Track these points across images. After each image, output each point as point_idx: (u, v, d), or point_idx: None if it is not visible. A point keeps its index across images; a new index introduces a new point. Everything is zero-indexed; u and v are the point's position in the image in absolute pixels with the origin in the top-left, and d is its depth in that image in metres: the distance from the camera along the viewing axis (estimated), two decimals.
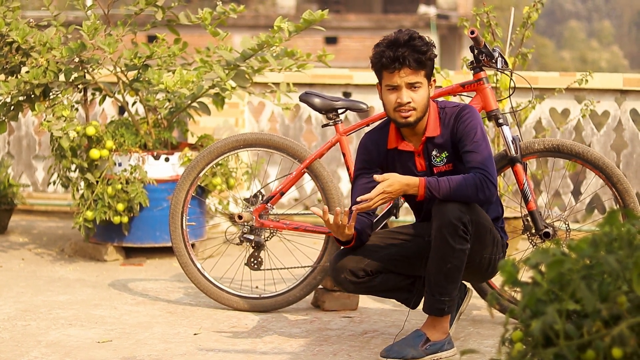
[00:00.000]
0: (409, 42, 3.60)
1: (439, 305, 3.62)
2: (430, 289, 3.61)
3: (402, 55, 3.58)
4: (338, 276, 3.78)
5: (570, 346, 1.85)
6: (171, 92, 5.41)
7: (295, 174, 4.45)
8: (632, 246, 1.88)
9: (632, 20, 50.79)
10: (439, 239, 3.52)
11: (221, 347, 3.85)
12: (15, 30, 5.28)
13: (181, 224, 4.57)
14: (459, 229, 3.49)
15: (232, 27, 6.68)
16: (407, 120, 3.65)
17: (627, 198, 4.11)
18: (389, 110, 3.68)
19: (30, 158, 7.39)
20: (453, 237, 3.50)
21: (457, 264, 3.54)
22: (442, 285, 3.58)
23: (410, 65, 3.59)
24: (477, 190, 3.51)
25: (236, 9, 5.48)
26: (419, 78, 3.63)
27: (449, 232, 3.49)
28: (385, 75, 3.65)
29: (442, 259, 3.54)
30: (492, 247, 3.69)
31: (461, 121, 3.67)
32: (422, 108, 3.65)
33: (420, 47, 3.60)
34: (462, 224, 3.49)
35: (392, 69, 3.61)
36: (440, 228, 3.51)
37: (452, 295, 3.61)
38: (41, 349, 3.80)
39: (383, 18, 25.56)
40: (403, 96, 3.62)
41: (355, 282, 3.77)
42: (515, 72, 4.53)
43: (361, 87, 6.68)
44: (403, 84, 3.61)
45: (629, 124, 6.36)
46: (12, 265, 5.52)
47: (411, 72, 3.60)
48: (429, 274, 3.61)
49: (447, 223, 3.49)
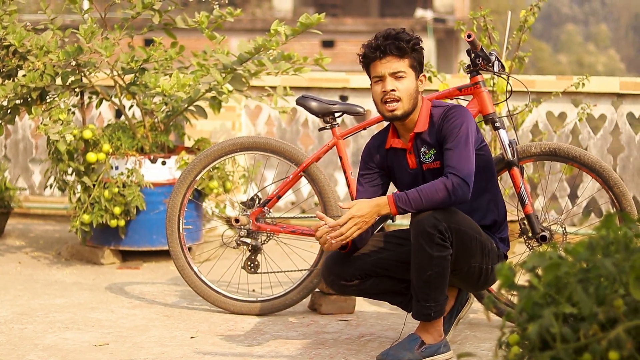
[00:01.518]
0: (393, 34, 3.66)
1: (425, 311, 3.63)
2: (416, 296, 3.63)
3: (384, 44, 3.63)
4: (328, 278, 3.80)
5: (567, 349, 1.85)
6: (168, 96, 5.41)
7: (292, 178, 4.45)
8: (629, 250, 1.88)
9: (628, 24, 50.86)
10: (417, 248, 3.53)
11: (218, 351, 3.85)
12: (12, 34, 5.28)
13: (178, 227, 4.57)
14: (435, 236, 3.48)
15: (229, 30, 6.68)
16: (394, 113, 3.66)
17: (624, 201, 4.11)
18: (377, 103, 3.71)
19: (27, 161, 7.38)
20: (430, 245, 3.50)
21: (439, 270, 3.53)
22: (426, 292, 3.58)
23: (392, 52, 3.62)
24: (448, 193, 3.49)
25: (233, 13, 5.48)
26: (403, 67, 3.64)
27: (425, 240, 3.50)
28: (371, 68, 3.69)
29: (421, 268, 3.54)
30: (481, 256, 3.64)
31: (447, 119, 3.67)
32: (408, 99, 3.65)
33: (403, 36, 3.65)
34: (437, 232, 3.48)
35: (374, 59, 3.65)
36: (417, 237, 3.52)
37: (439, 300, 3.61)
38: (38, 352, 3.80)
39: (380, 22, 25.57)
40: (387, 85, 3.64)
41: (345, 285, 3.78)
42: (512, 75, 4.53)
43: (358, 91, 6.68)
44: (386, 73, 3.64)
45: (626, 127, 6.37)
46: (8, 269, 5.52)
47: (393, 60, 3.63)
48: (412, 282, 3.62)
49: (422, 232, 3.50)
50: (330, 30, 22.95)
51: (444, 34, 25.66)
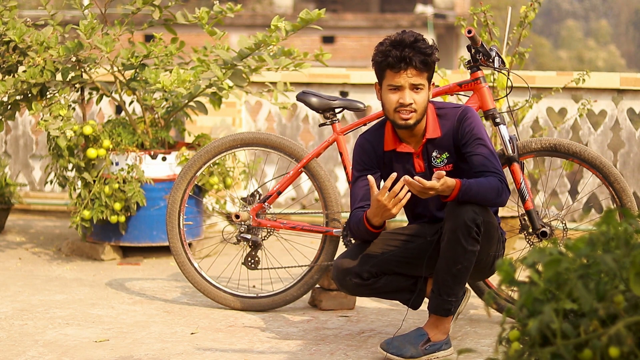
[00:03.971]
0: (415, 44, 3.60)
1: (445, 306, 3.63)
2: (438, 289, 3.62)
3: (409, 55, 3.57)
4: (343, 279, 3.75)
5: (567, 345, 1.85)
6: (168, 92, 5.41)
7: (293, 173, 4.45)
8: (629, 245, 1.88)
9: (629, 20, 50.83)
10: (452, 241, 3.52)
11: (218, 347, 3.85)
12: (13, 30, 5.28)
13: (178, 223, 4.57)
14: (473, 230, 3.50)
15: (229, 26, 6.69)
16: (407, 122, 3.64)
17: (624, 197, 4.11)
18: (389, 110, 3.66)
19: (28, 157, 7.39)
20: (466, 239, 3.50)
21: (467, 264, 3.55)
22: (450, 286, 3.59)
23: (416, 66, 3.58)
24: (498, 194, 3.54)
25: (233, 8, 5.48)
26: (422, 80, 3.62)
27: (463, 233, 3.50)
28: (389, 74, 3.63)
29: (453, 260, 3.54)
30: (497, 245, 3.72)
31: (466, 123, 3.67)
32: (422, 111, 3.65)
33: (425, 49, 3.60)
34: (475, 226, 3.50)
35: (398, 69, 3.59)
36: (455, 230, 3.51)
37: (458, 296, 3.63)
38: (38, 348, 3.80)
39: (380, 17, 25.55)
40: (406, 97, 3.61)
41: (361, 284, 3.74)
42: (513, 71, 4.53)
43: (358, 87, 6.68)
44: (407, 84, 3.61)
45: (626, 123, 6.36)
46: (9, 265, 5.52)
47: (416, 74, 3.60)
48: (437, 274, 3.61)
49: (462, 225, 3.49)
50: (331, 25, 22.93)
51: (444, 30, 25.64)
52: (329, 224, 4.45)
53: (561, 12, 52.31)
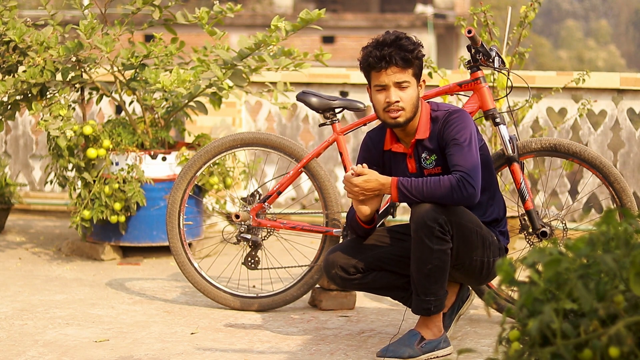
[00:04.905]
0: (396, 42, 3.62)
1: (424, 305, 3.63)
2: (416, 289, 3.63)
3: (389, 54, 3.59)
4: (329, 271, 3.80)
5: (567, 345, 1.85)
6: (168, 92, 5.41)
7: (293, 173, 4.45)
8: (629, 245, 1.88)
9: (629, 20, 50.82)
10: (417, 241, 3.54)
11: (218, 347, 3.85)
12: (13, 30, 5.27)
13: (178, 223, 4.57)
14: (435, 229, 3.49)
15: (229, 26, 6.69)
16: (397, 121, 3.65)
17: (624, 197, 4.11)
18: (379, 111, 3.69)
19: (28, 157, 7.39)
20: (430, 239, 3.50)
21: (439, 264, 3.54)
22: (425, 286, 3.59)
23: (397, 63, 3.60)
24: (452, 191, 3.49)
25: (233, 8, 5.48)
26: (407, 77, 3.63)
27: (425, 233, 3.50)
28: (374, 75, 3.65)
29: (422, 261, 3.55)
30: (482, 249, 3.66)
31: (448, 125, 3.66)
32: (410, 108, 3.65)
33: (406, 45, 3.61)
34: (437, 225, 3.49)
35: (379, 68, 3.62)
36: (417, 230, 3.53)
37: (439, 295, 3.61)
38: (38, 348, 3.80)
39: (380, 17, 25.56)
40: (391, 95, 3.62)
41: (346, 278, 3.78)
42: (513, 71, 4.53)
43: (358, 87, 6.68)
44: (391, 83, 3.62)
45: (626, 123, 6.36)
46: (9, 265, 5.52)
47: (398, 71, 3.61)
48: (412, 275, 3.62)
49: (422, 225, 3.50)
50: (331, 25, 22.94)
51: (444, 30, 25.64)
52: (329, 224, 4.45)
53: (561, 12, 52.31)
